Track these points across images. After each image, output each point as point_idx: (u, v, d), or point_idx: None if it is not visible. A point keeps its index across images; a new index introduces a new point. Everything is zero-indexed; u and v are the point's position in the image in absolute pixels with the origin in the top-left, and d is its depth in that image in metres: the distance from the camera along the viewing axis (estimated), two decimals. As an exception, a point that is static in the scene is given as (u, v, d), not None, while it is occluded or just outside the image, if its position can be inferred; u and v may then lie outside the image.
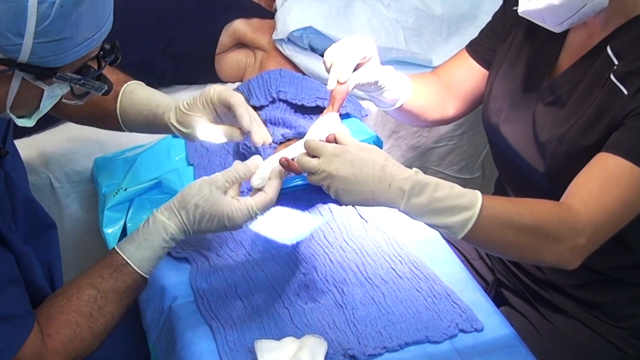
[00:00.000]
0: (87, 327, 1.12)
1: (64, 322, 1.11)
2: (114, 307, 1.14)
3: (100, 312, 1.13)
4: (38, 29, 0.92)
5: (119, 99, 1.33)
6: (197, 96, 1.29)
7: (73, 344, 1.11)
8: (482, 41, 1.47)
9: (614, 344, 1.36)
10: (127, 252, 1.16)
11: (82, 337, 1.12)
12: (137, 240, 1.16)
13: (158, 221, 1.16)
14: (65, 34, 0.95)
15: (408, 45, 1.98)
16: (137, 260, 1.16)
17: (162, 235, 1.16)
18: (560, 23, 1.21)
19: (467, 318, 1.24)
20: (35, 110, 1.05)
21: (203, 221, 1.16)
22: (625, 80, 1.15)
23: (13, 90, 0.99)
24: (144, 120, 1.33)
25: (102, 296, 1.13)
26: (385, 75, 1.34)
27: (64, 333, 1.10)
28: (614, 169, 1.12)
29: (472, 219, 1.08)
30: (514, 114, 1.34)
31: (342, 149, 1.11)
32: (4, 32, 0.91)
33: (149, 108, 1.32)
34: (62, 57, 0.97)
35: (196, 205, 1.15)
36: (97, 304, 1.13)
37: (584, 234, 1.11)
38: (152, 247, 1.16)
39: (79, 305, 1.12)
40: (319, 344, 1.16)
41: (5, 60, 0.94)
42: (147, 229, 1.16)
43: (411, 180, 1.09)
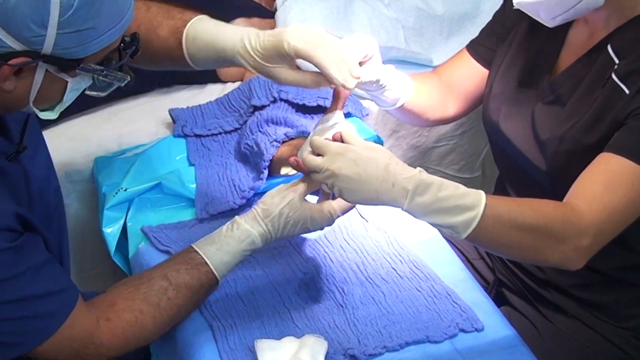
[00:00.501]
0: (152, 316, 1.13)
1: (127, 307, 1.13)
2: (183, 302, 1.16)
3: (169, 304, 1.15)
4: (61, 20, 0.93)
5: (185, 46, 1.26)
6: (268, 46, 1.18)
7: (133, 329, 1.12)
8: (482, 40, 1.47)
9: (616, 345, 1.36)
10: (207, 253, 1.18)
11: (144, 324, 1.13)
12: (219, 243, 1.19)
13: (242, 228, 1.18)
14: (89, 24, 0.95)
15: (408, 44, 1.98)
16: (216, 262, 1.18)
17: (244, 243, 1.18)
18: (554, 17, 1.21)
19: (467, 318, 1.24)
20: (58, 103, 1.05)
21: (287, 227, 1.19)
22: (627, 80, 1.15)
23: (37, 83, 0.99)
24: (213, 63, 1.28)
25: (174, 289, 1.15)
26: (387, 74, 1.34)
27: (124, 317, 1.12)
28: (617, 169, 1.12)
29: (475, 219, 1.08)
30: (514, 112, 1.34)
31: (346, 147, 1.12)
32: (28, 24, 0.92)
33: (216, 52, 1.25)
34: (85, 47, 0.97)
35: (280, 213, 1.18)
36: (167, 296, 1.15)
37: (587, 235, 1.11)
38: (232, 252, 1.18)
39: (147, 294, 1.14)
40: (320, 344, 1.16)
41: (29, 52, 0.94)
42: (230, 234, 1.19)
43: (415, 179, 1.09)
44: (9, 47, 0.93)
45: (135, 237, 1.44)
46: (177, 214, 1.49)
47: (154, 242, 1.39)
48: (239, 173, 1.54)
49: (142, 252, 1.39)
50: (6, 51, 0.93)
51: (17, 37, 0.93)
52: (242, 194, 1.46)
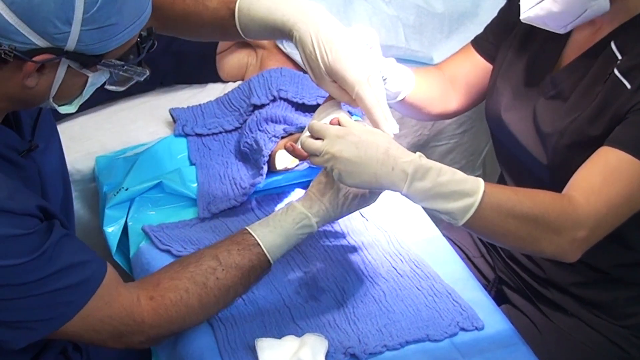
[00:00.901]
0: (197, 295, 1.12)
1: (172, 286, 1.12)
2: (232, 283, 1.15)
3: (217, 284, 1.13)
4: (85, 16, 0.94)
5: (237, 18, 1.25)
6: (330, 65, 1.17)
7: (177, 308, 1.11)
8: (487, 36, 1.47)
9: (616, 343, 1.36)
10: (260, 234, 1.17)
11: (189, 304, 1.12)
12: (272, 225, 1.18)
13: (297, 211, 1.17)
14: (111, 21, 0.96)
15: (408, 42, 1.98)
16: (269, 243, 1.17)
17: (299, 225, 1.17)
18: (564, 26, 1.22)
19: (467, 316, 1.24)
20: (77, 97, 1.06)
21: (347, 202, 1.18)
22: (628, 75, 1.16)
23: (58, 79, 1.00)
24: (268, 35, 1.27)
25: (224, 269, 1.14)
26: (388, 67, 1.34)
27: (168, 296, 1.11)
28: (616, 162, 1.13)
29: (473, 206, 1.08)
30: (516, 106, 1.34)
31: (346, 130, 1.12)
32: (53, 20, 0.93)
33: (272, 26, 1.22)
34: (107, 44, 0.98)
35: (338, 188, 1.17)
36: (215, 276, 1.13)
37: (584, 227, 1.11)
38: (286, 235, 1.17)
39: (194, 273, 1.13)
40: (320, 343, 1.16)
41: (53, 49, 0.95)
42: (284, 217, 1.18)
43: (415, 163, 1.09)
44: (33, 44, 0.94)
45: (136, 236, 1.44)
46: (178, 213, 1.49)
47: (155, 241, 1.39)
48: (240, 172, 1.55)
49: (143, 251, 1.39)
50: (30, 48, 0.94)
51: (42, 34, 0.94)
52: (242, 190, 1.46)
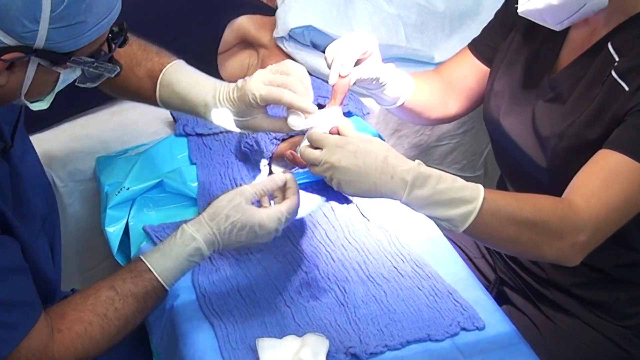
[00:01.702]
0: (100, 327, 1.13)
1: (76, 319, 1.12)
2: (130, 312, 1.15)
3: (116, 314, 1.14)
4: (53, 15, 0.94)
5: (158, 91, 1.30)
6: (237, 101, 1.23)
7: (83, 341, 1.11)
8: (484, 39, 1.47)
9: (617, 344, 1.36)
10: (150, 260, 1.18)
11: (93, 336, 1.12)
12: (162, 250, 1.19)
13: (186, 233, 1.18)
14: (79, 18, 0.96)
15: (409, 41, 1.98)
16: (159, 267, 1.17)
17: (188, 247, 1.17)
18: (561, 22, 1.21)
19: (468, 316, 1.24)
20: (49, 94, 1.06)
21: (234, 231, 1.18)
22: (626, 77, 1.15)
23: (29, 77, 1.00)
24: (186, 112, 1.31)
25: (120, 299, 1.15)
26: (387, 72, 1.34)
27: (74, 329, 1.11)
28: (615, 165, 1.12)
29: (473, 213, 1.08)
30: (514, 109, 1.34)
31: (345, 140, 1.12)
32: (20, 19, 0.92)
33: (188, 107, 1.28)
34: (76, 41, 0.98)
35: (227, 215, 1.17)
36: (113, 306, 1.14)
37: (585, 231, 1.11)
38: (176, 257, 1.17)
39: (94, 304, 1.14)
40: (321, 342, 1.16)
41: (21, 47, 0.95)
42: (174, 241, 1.18)
43: (414, 171, 1.09)
44: (1, 43, 0.94)
45: (137, 236, 1.44)
46: (179, 213, 1.49)
47: (156, 241, 1.39)
48: (241, 172, 1.55)
49: (144, 251, 1.39)
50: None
51: (9, 33, 0.93)
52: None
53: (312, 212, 1.45)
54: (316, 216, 1.44)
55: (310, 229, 1.41)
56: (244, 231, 1.18)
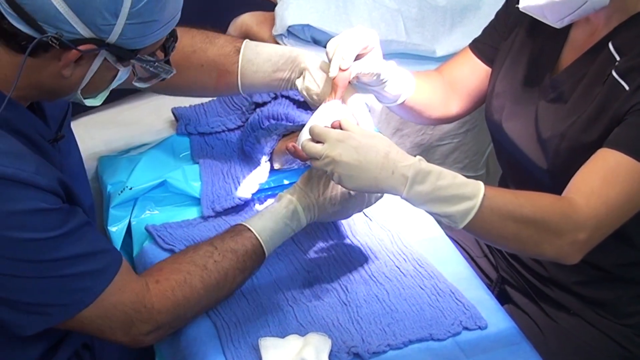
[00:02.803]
0: (199, 276, 1.15)
1: (175, 269, 1.14)
2: (230, 266, 1.17)
3: (216, 267, 1.16)
4: (132, 10, 0.96)
5: (242, 52, 1.35)
6: None
7: (182, 289, 1.13)
8: (485, 39, 1.47)
9: (618, 342, 1.36)
10: (250, 221, 1.21)
11: (193, 284, 1.14)
12: (261, 214, 1.22)
13: (283, 198, 1.22)
14: (154, 17, 0.99)
15: (409, 36, 1.97)
16: (258, 227, 1.20)
17: (285, 209, 1.20)
18: (561, 19, 1.21)
19: (470, 316, 1.24)
20: (103, 90, 1.09)
21: (328, 192, 1.21)
22: (626, 76, 1.16)
23: (92, 71, 1.02)
24: (270, 68, 1.36)
25: (220, 253, 1.17)
26: (388, 69, 1.35)
27: (173, 278, 1.13)
28: (615, 164, 1.13)
29: (473, 209, 1.09)
30: (517, 110, 1.34)
31: (347, 134, 1.12)
32: (102, 11, 0.95)
33: (278, 53, 1.34)
34: (145, 39, 1.01)
35: (319, 177, 1.21)
36: (213, 259, 1.16)
37: (585, 229, 1.11)
38: (274, 219, 1.20)
39: (193, 257, 1.16)
40: (323, 342, 1.17)
41: (95, 40, 0.97)
42: (272, 205, 1.22)
43: (414, 167, 1.09)
44: (78, 34, 0.96)
45: (140, 235, 1.44)
46: (182, 212, 1.49)
47: (158, 240, 1.39)
48: (243, 170, 1.55)
49: (147, 250, 1.40)
50: (74, 37, 0.96)
51: (88, 25, 0.96)
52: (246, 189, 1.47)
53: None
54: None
55: (312, 229, 1.41)
56: (337, 191, 1.21)
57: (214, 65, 1.36)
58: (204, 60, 1.36)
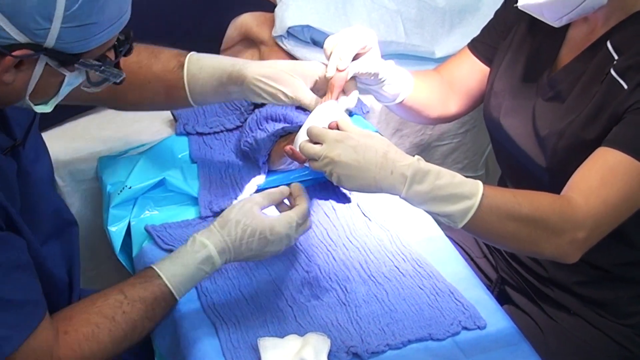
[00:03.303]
0: (107, 329, 1.12)
1: (83, 321, 1.11)
2: (138, 317, 1.15)
3: (124, 318, 1.13)
4: (67, 13, 0.94)
5: (186, 67, 1.33)
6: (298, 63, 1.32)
7: (89, 343, 1.10)
8: (483, 38, 1.47)
9: (618, 342, 1.36)
10: (160, 267, 1.18)
11: (100, 339, 1.11)
12: (172, 257, 1.19)
13: (196, 241, 1.18)
14: (92, 19, 0.96)
15: (409, 37, 1.97)
16: (169, 273, 1.17)
17: (198, 254, 1.17)
18: (560, 18, 1.21)
19: (470, 315, 1.24)
20: (53, 97, 1.06)
21: (245, 236, 1.18)
22: (625, 75, 1.16)
23: (35, 77, 1.00)
24: (215, 82, 1.33)
25: (129, 303, 1.14)
26: (386, 68, 1.35)
27: (81, 331, 1.10)
28: (614, 163, 1.13)
29: (472, 208, 1.09)
30: (515, 108, 1.35)
31: (345, 135, 1.12)
32: (34, 16, 0.92)
33: (221, 67, 1.31)
34: (86, 43, 0.98)
35: (237, 221, 1.18)
36: (122, 309, 1.13)
37: (583, 228, 1.11)
38: (186, 264, 1.17)
39: (102, 307, 1.13)
40: (322, 342, 1.16)
41: (32, 45, 0.95)
42: (185, 249, 1.19)
43: (413, 167, 1.09)
44: (13, 39, 0.94)
45: (139, 235, 1.44)
46: (181, 212, 1.49)
47: (157, 240, 1.39)
48: (241, 171, 1.55)
49: (146, 250, 1.40)
50: (10, 43, 0.94)
51: (22, 29, 0.93)
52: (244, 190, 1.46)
53: (313, 212, 1.45)
54: (317, 215, 1.45)
55: (311, 229, 1.41)
56: (255, 237, 1.19)
57: (160, 81, 1.34)
58: (150, 76, 1.34)
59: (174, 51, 1.37)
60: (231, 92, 1.34)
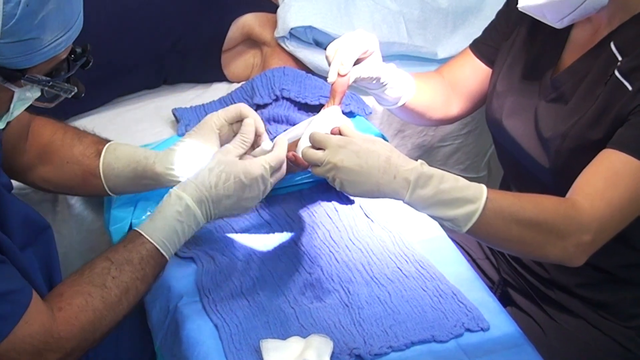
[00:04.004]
0: (100, 297, 1.10)
1: (75, 293, 1.10)
2: (129, 278, 1.13)
3: (114, 283, 1.12)
4: (4, 29, 0.92)
5: (102, 155, 1.33)
6: (195, 131, 1.30)
7: (85, 314, 1.09)
8: (485, 39, 1.47)
9: (621, 344, 1.36)
10: (141, 227, 1.16)
11: (95, 306, 1.10)
12: (152, 215, 1.17)
13: (172, 194, 1.17)
14: (32, 35, 0.94)
15: (412, 38, 1.97)
16: (149, 230, 1.15)
17: (175, 206, 1.15)
18: (561, 19, 1.21)
19: (473, 317, 1.24)
20: (5, 114, 1.04)
21: (219, 183, 1.16)
22: (629, 76, 1.15)
23: None
24: (130, 174, 1.32)
25: (116, 267, 1.12)
26: (388, 72, 1.34)
27: (75, 303, 1.09)
28: (619, 165, 1.12)
29: (476, 212, 1.08)
30: (517, 110, 1.34)
31: (348, 140, 1.12)
32: None
33: (136, 160, 1.31)
34: (30, 58, 0.96)
35: (210, 168, 1.17)
36: (110, 275, 1.12)
37: (589, 231, 1.11)
38: (164, 217, 1.15)
39: (91, 277, 1.12)
40: (325, 344, 1.16)
41: None
42: (162, 204, 1.17)
43: (416, 171, 1.09)
44: None
45: (140, 236, 1.44)
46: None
47: (158, 241, 1.39)
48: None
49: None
50: None
51: None
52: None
53: (316, 213, 1.45)
54: (319, 217, 1.44)
55: (313, 230, 1.41)
56: (230, 181, 1.17)
57: (78, 164, 1.33)
58: (69, 156, 1.33)
59: (96, 138, 1.37)
60: (147, 185, 1.33)
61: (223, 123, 1.30)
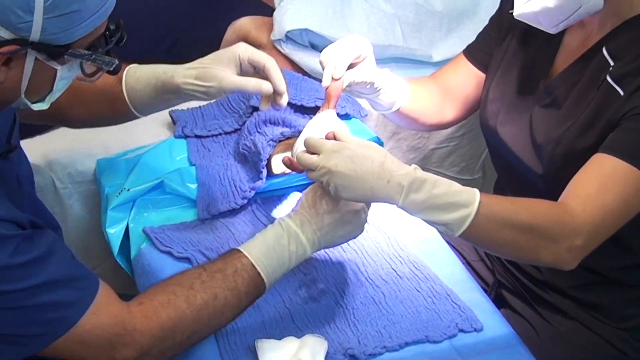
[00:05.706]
0: (184, 296, 1.09)
1: (159, 290, 1.10)
2: (218, 286, 1.12)
3: (202, 286, 1.11)
4: (46, 4, 0.93)
5: (124, 80, 1.33)
6: (220, 52, 1.29)
7: (166, 309, 1.08)
8: (479, 45, 1.48)
9: (614, 345, 1.36)
10: (243, 245, 1.17)
11: (177, 305, 1.08)
12: (255, 236, 1.17)
13: (276, 221, 1.17)
14: (73, 8, 0.95)
15: (407, 41, 1.98)
16: (248, 247, 1.15)
17: (276, 228, 1.16)
18: (556, 25, 1.22)
19: (466, 318, 1.24)
20: (49, 93, 1.05)
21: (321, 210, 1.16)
22: (621, 82, 1.16)
23: (27, 73, 0.99)
24: (152, 92, 1.31)
25: (208, 274, 1.12)
26: (382, 77, 1.35)
27: (157, 299, 1.09)
28: (611, 169, 1.13)
29: (469, 217, 1.09)
30: (511, 116, 1.35)
31: (342, 145, 1.12)
32: (15, 10, 0.92)
33: (155, 76, 1.30)
34: (72, 32, 0.97)
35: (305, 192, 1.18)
36: (200, 279, 1.12)
37: (581, 235, 1.11)
38: (264, 236, 1.16)
39: (180, 279, 1.12)
40: (320, 344, 1.17)
41: (18, 40, 0.94)
42: (267, 229, 1.17)
43: (410, 176, 1.10)
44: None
45: (138, 238, 1.44)
46: (179, 214, 1.49)
47: (156, 242, 1.39)
48: (240, 174, 1.55)
49: (144, 252, 1.40)
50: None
51: (5, 25, 0.93)
52: (242, 194, 1.47)
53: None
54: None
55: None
56: (333, 214, 1.17)
57: (104, 94, 1.34)
58: (92, 90, 1.33)
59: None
60: (170, 99, 1.33)
61: (246, 61, 1.28)
